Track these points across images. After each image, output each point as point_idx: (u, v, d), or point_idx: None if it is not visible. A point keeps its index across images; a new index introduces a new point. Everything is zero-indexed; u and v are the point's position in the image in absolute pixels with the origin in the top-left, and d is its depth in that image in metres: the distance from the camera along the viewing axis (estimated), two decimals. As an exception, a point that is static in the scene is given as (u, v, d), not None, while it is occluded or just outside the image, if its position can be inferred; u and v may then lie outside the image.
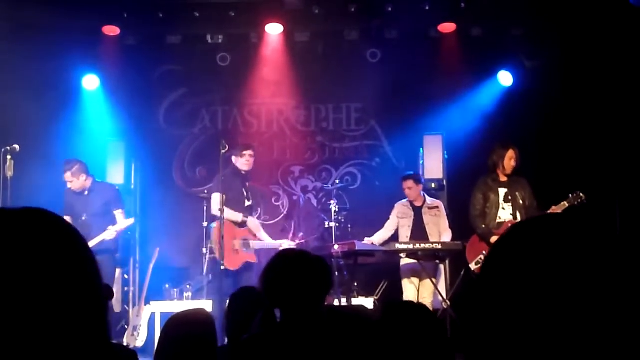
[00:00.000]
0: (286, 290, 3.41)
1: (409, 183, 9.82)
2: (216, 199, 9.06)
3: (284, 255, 3.64)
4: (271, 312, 3.44)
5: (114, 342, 4.26)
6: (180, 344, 3.64)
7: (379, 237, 9.80)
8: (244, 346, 3.39)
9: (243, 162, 9.40)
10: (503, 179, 9.02)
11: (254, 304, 4.02)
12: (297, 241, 9.81)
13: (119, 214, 9.46)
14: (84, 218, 9.25)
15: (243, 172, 9.45)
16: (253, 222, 9.51)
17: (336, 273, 9.43)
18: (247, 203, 9.45)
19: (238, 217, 9.21)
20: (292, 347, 3.28)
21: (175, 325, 3.76)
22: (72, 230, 1.31)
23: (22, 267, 1.19)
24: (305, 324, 3.37)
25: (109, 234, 9.13)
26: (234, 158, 9.39)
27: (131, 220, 9.56)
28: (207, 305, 9.23)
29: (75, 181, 9.34)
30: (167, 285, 10.63)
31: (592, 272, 1.22)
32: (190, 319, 3.81)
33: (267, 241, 9.51)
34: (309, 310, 3.41)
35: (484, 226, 8.85)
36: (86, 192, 9.41)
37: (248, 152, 9.45)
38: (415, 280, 9.65)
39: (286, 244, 9.53)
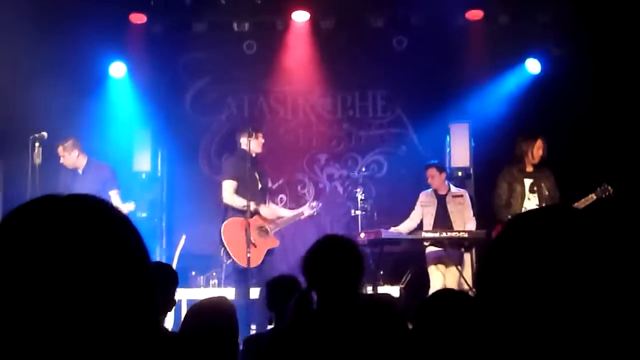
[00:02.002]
0: (327, 273, 3.46)
1: (432, 171, 9.79)
2: (227, 186, 9.01)
3: (325, 240, 3.67)
4: (307, 297, 3.48)
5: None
6: (201, 332, 3.68)
7: (404, 227, 9.79)
8: (280, 336, 3.42)
9: (257, 143, 9.17)
10: (529, 169, 8.96)
11: (292, 290, 4.07)
12: (315, 206, 9.67)
13: (114, 194, 9.32)
14: None
15: (254, 155, 9.14)
16: (267, 210, 9.34)
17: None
18: (260, 186, 9.23)
19: (241, 202, 8.87)
20: (331, 334, 3.30)
21: (197, 313, 3.80)
22: (122, 216, 1.31)
23: (80, 254, 1.19)
24: (344, 309, 3.40)
25: None
26: (244, 140, 9.13)
27: (132, 205, 9.38)
28: (232, 292, 9.24)
29: (66, 156, 9.26)
30: (193, 273, 10.67)
31: (592, 267, 1.20)
32: (212, 307, 3.85)
33: (288, 216, 9.47)
34: (347, 294, 3.45)
35: (510, 217, 8.78)
36: (80, 171, 9.33)
37: (261, 135, 9.33)
38: (442, 267, 9.62)
39: (307, 211, 9.48)
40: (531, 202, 8.86)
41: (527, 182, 8.94)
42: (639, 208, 9.59)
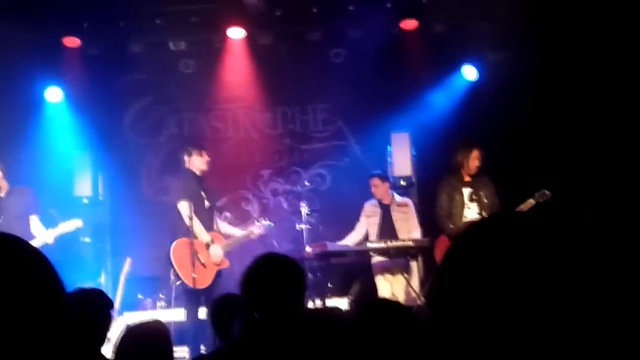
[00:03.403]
0: (266, 293, 3.42)
1: (375, 181, 9.86)
2: (184, 208, 8.90)
3: (262, 259, 3.64)
4: (251, 316, 3.44)
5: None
6: (135, 355, 3.64)
7: (351, 240, 9.82)
8: (222, 355, 3.39)
9: (202, 161, 9.14)
10: (467, 178, 9.07)
11: (236, 309, 4.04)
12: (264, 222, 9.65)
13: (34, 219, 9.07)
14: (0, 221, 8.80)
15: (198, 173, 9.16)
16: (220, 228, 9.40)
17: (309, 275, 9.40)
18: (207, 204, 9.17)
19: (205, 238, 8.93)
20: (275, 352, 3.27)
21: (130, 337, 3.76)
22: (34, 249, 1.31)
23: None
24: (286, 328, 3.37)
25: (50, 236, 8.81)
26: (187, 159, 9.14)
27: (77, 222, 9.17)
28: (181, 313, 9.17)
29: None
30: (140, 296, 10.55)
31: (547, 269, 1.20)
32: (146, 331, 3.81)
33: (237, 235, 9.41)
34: (289, 312, 3.41)
35: (452, 226, 8.87)
36: (2, 194, 9.17)
37: (205, 152, 9.29)
38: (389, 276, 9.67)
39: (256, 229, 9.45)
40: (471, 211, 8.96)
41: (466, 191, 9.03)
42: (581, 211, 9.74)
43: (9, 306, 1.18)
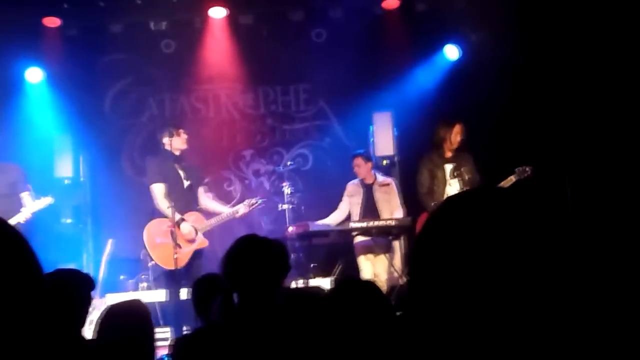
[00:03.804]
0: (245, 274, 3.45)
1: (358, 161, 9.86)
2: (157, 190, 8.93)
3: (243, 240, 3.66)
4: (230, 296, 3.47)
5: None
6: (116, 336, 3.65)
7: (333, 219, 9.83)
8: (201, 336, 3.40)
9: (180, 140, 9.10)
10: (449, 154, 9.05)
11: (218, 290, 4.05)
12: (253, 202, 9.59)
13: (25, 195, 8.95)
14: None
15: (177, 153, 9.11)
16: (208, 206, 9.37)
17: (292, 255, 9.40)
18: (187, 184, 9.10)
19: (175, 217, 8.79)
20: (251, 332, 3.29)
21: (110, 317, 3.77)
22: (11, 228, 1.29)
23: None
24: (263, 307, 3.40)
25: (22, 216, 8.62)
26: (166, 140, 9.06)
27: (47, 200, 8.97)
28: (162, 294, 9.17)
29: None
30: (122, 277, 10.54)
31: (522, 245, 1.20)
32: (126, 310, 3.82)
33: (222, 214, 9.33)
34: (266, 293, 3.45)
35: (433, 204, 8.85)
36: None
37: (182, 131, 9.21)
38: (371, 256, 9.68)
39: (241, 209, 9.38)
40: (453, 188, 8.96)
41: (448, 167, 9.02)
42: (561, 188, 9.78)
43: None
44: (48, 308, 1.27)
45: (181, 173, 9.08)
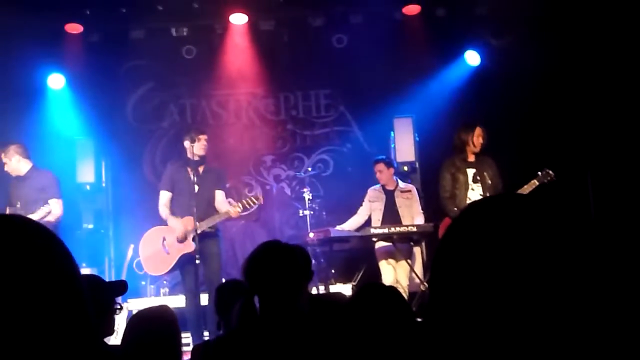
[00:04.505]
0: (269, 279, 3.44)
1: (380, 167, 9.82)
2: (160, 197, 8.98)
3: (267, 246, 3.66)
4: (251, 301, 3.46)
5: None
6: (143, 342, 3.65)
7: (352, 224, 9.80)
8: (223, 342, 3.40)
9: (199, 146, 8.88)
10: (471, 158, 8.97)
11: (240, 295, 4.06)
12: (250, 201, 9.28)
13: (53, 202, 8.84)
14: (18, 205, 8.79)
15: (197, 158, 8.86)
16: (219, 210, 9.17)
17: (313, 261, 9.35)
18: (197, 188, 8.74)
19: (165, 219, 8.85)
20: (275, 339, 3.29)
21: (138, 323, 3.77)
22: (47, 231, 1.31)
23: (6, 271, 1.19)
24: (287, 314, 3.39)
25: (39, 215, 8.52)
26: (187, 144, 8.90)
27: (47, 209, 8.72)
28: (182, 300, 9.18)
29: (8, 163, 8.97)
30: (143, 282, 10.57)
31: (544, 253, 1.20)
32: (153, 317, 3.82)
33: (216, 215, 8.87)
34: (290, 299, 3.43)
35: (455, 209, 8.78)
36: (22, 177, 9.05)
37: (204, 137, 9.07)
38: (392, 261, 9.65)
39: (232, 210, 8.82)
40: (475, 192, 8.88)
41: (470, 171, 8.95)
42: (584, 191, 9.74)
43: (20, 293, 1.18)
44: (87, 316, 1.27)
45: (194, 179, 8.85)
